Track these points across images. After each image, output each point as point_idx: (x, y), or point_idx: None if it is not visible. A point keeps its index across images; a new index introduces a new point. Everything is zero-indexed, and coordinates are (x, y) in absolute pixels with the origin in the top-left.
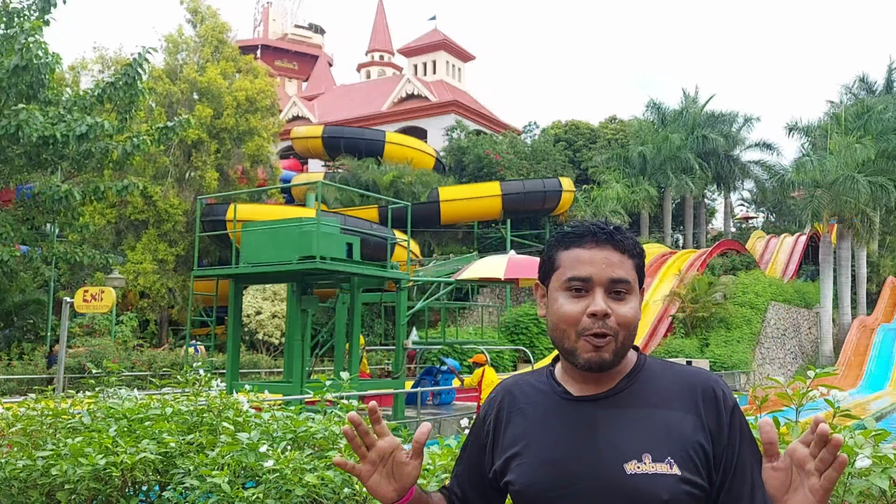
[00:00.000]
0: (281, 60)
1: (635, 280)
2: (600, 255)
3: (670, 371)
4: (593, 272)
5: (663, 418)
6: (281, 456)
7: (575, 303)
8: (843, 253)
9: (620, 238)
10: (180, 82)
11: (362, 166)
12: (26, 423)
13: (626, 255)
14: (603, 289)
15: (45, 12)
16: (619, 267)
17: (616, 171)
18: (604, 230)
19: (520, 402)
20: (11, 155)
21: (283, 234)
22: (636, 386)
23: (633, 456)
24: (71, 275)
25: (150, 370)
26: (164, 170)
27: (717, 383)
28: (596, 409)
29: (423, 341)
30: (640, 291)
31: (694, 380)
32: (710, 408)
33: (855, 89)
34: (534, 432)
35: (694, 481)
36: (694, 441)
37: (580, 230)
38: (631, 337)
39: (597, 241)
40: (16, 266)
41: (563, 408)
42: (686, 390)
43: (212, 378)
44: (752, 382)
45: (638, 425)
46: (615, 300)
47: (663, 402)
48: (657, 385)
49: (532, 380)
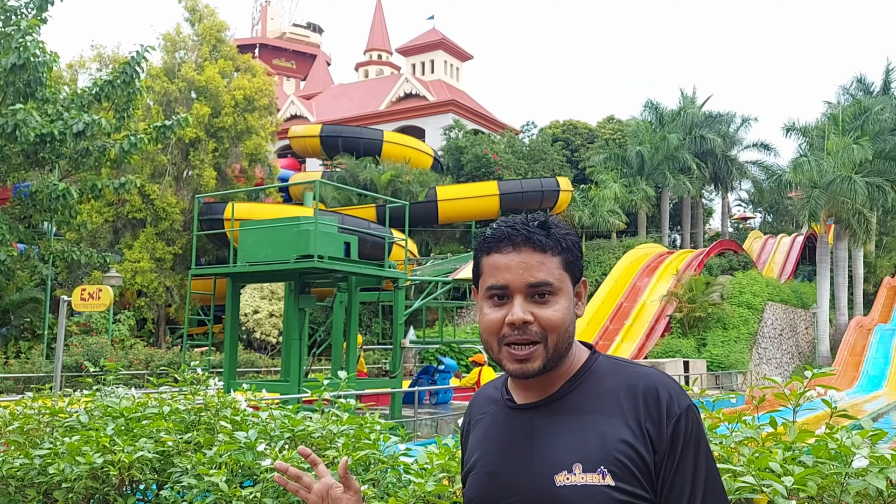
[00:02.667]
0: (279, 59)
1: (562, 279)
2: (517, 259)
3: (618, 373)
4: (510, 279)
5: (600, 425)
6: (279, 455)
7: (496, 311)
8: (840, 253)
9: (539, 238)
10: (178, 81)
11: (360, 165)
12: (23, 421)
13: (549, 253)
14: (522, 294)
15: (42, 10)
16: (539, 269)
17: (614, 171)
18: (520, 232)
19: (476, 414)
20: (9, 153)
21: (280, 233)
22: (577, 391)
23: (564, 467)
24: (68, 273)
25: (148, 369)
26: (161, 168)
27: (664, 384)
28: (535, 418)
29: (420, 340)
30: (578, 286)
31: (638, 382)
32: (652, 412)
33: (852, 90)
34: (482, 444)
35: (631, 491)
36: (631, 449)
37: (498, 233)
38: (563, 339)
39: (514, 245)
40: (13, 264)
41: (507, 417)
42: (629, 393)
43: (209, 377)
44: (748, 382)
45: (573, 433)
46: (538, 304)
47: (601, 408)
48: (599, 388)
49: (491, 388)
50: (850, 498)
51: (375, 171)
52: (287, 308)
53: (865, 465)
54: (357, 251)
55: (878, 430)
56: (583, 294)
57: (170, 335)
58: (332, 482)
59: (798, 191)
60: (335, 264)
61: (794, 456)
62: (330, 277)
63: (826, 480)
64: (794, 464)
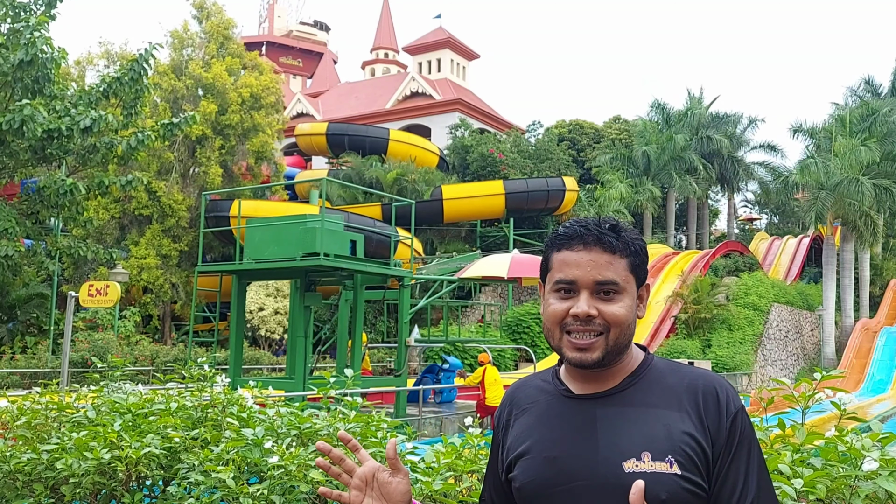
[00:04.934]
0: (286, 57)
1: (627, 280)
2: (587, 257)
3: (676, 372)
4: (579, 275)
5: (664, 418)
6: (285, 452)
7: (561, 302)
8: (847, 255)
9: (610, 239)
10: (185, 78)
11: (366, 164)
12: (31, 416)
13: (618, 254)
14: (588, 291)
15: (50, 7)
16: (607, 268)
17: (619, 171)
18: (592, 232)
19: (523, 403)
20: (16, 149)
21: (286, 231)
22: (639, 385)
23: (632, 454)
24: (74, 269)
25: (153, 365)
26: (168, 165)
27: (721, 385)
28: (596, 407)
29: (425, 339)
30: (641, 289)
31: (698, 381)
32: (711, 409)
33: (860, 91)
34: (536, 430)
35: (694, 481)
36: (694, 441)
37: (570, 232)
38: (624, 335)
39: (585, 243)
40: (20, 260)
41: (564, 405)
42: (689, 391)
43: (216, 374)
44: (753, 384)
45: (638, 424)
46: (603, 300)
47: (665, 402)
48: (661, 385)
49: (537, 380)
50: (860, 501)
51: (381, 169)
52: (293, 306)
53: (875, 467)
54: (363, 249)
55: (889, 433)
56: (645, 297)
57: (175, 332)
58: (378, 465)
59: (805, 192)
60: (341, 262)
61: (803, 458)
62: (335, 275)
63: (835, 483)
64: (803, 466)
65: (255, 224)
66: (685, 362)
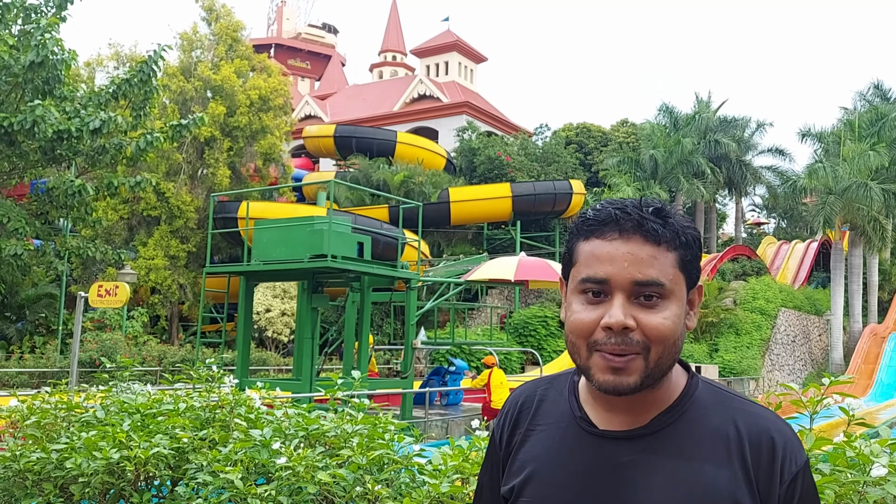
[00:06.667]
0: (294, 59)
1: (676, 279)
2: (623, 249)
3: (724, 408)
4: (612, 272)
5: (706, 477)
6: (293, 453)
7: (590, 310)
8: (855, 260)
9: (654, 226)
10: (194, 80)
11: (373, 166)
12: (41, 416)
13: (664, 246)
14: (625, 294)
15: (61, 9)
16: (650, 265)
17: (627, 175)
18: (631, 216)
19: (539, 420)
20: (26, 150)
21: (294, 233)
22: (677, 425)
23: None
24: (83, 270)
25: (161, 365)
26: (176, 167)
27: (780, 433)
28: (622, 452)
29: (431, 341)
30: (692, 292)
31: (751, 426)
32: (765, 466)
33: (869, 96)
34: (546, 465)
35: None
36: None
37: (602, 215)
38: (669, 353)
39: (621, 230)
40: (29, 260)
41: (582, 442)
42: (738, 439)
43: (223, 374)
44: (761, 389)
45: (671, 482)
46: (643, 307)
47: (708, 454)
48: (703, 427)
49: (553, 393)
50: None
51: (388, 171)
52: (300, 307)
53: (884, 473)
54: (370, 251)
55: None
56: (696, 302)
57: (183, 332)
58: None
59: (813, 197)
60: (348, 264)
61: (812, 464)
62: (343, 277)
63: (844, 489)
64: (811, 472)
65: (262, 225)
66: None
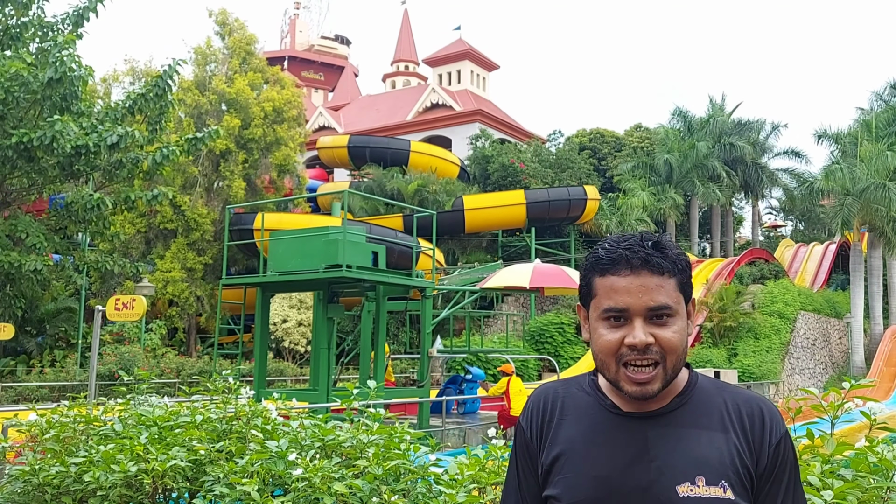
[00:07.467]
0: (307, 71)
1: (678, 300)
2: (636, 282)
3: (721, 391)
4: (630, 302)
5: (716, 440)
6: (309, 464)
7: (613, 332)
8: (875, 262)
9: (658, 260)
10: (209, 93)
11: (387, 175)
12: (59, 429)
13: (667, 275)
14: (642, 318)
15: (78, 26)
16: (658, 292)
17: (641, 180)
18: (637, 255)
19: (564, 411)
20: (45, 165)
21: (309, 243)
22: (689, 405)
23: (687, 478)
24: (101, 283)
25: (179, 377)
26: (192, 180)
27: (767, 408)
28: (647, 427)
29: (447, 350)
30: (689, 305)
31: (744, 401)
32: (757, 432)
33: (886, 96)
34: (581, 445)
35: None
36: (744, 465)
37: (614, 256)
38: (680, 359)
39: (632, 268)
40: (48, 274)
41: (611, 422)
42: (736, 412)
43: (241, 386)
44: (781, 393)
45: (691, 446)
46: (657, 325)
47: (715, 424)
48: (708, 405)
49: (573, 388)
50: None
51: (402, 180)
52: (316, 317)
53: None
54: (385, 260)
55: None
56: (693, 313)
57: (200, 344)
58: None
59: (830, 198)
60: (363, 274)
61: (833, 469)
62: (358, 287)
63: (867, 495)
64: (833, 477)
65: (278, 237)
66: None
